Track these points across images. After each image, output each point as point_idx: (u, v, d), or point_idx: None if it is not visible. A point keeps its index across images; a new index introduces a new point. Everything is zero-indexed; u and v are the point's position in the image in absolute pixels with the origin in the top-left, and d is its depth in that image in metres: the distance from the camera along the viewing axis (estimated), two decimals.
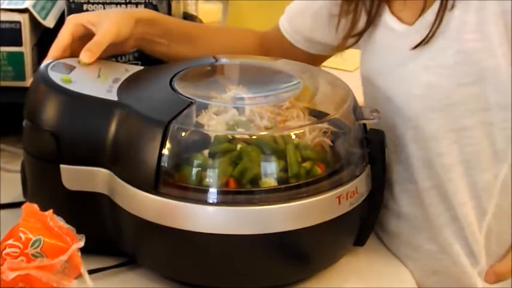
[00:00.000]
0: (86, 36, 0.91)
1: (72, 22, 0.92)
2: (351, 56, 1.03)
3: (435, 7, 0.85)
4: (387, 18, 0.91)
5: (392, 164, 0.91)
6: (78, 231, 0.79)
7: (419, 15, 0.87)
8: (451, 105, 0.85)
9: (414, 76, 0.87)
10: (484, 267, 0.89)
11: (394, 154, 0.90)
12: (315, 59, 1.03)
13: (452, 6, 0.84)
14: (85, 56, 0.89)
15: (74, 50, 0.92)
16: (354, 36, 0.94)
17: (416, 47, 0.86)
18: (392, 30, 0.90)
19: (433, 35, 0.85)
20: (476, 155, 0.86)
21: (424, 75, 0.86)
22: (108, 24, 0.91)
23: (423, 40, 0.85)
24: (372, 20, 0.91)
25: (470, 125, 0.85)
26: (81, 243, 0.78)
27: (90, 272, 0.80)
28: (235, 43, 1.04)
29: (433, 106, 0.86)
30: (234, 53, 1.01)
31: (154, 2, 1.03)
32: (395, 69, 0.89)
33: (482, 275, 0.89)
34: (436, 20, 0.85)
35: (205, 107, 0.84)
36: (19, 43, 1.07)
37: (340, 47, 0.96)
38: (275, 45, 1.04)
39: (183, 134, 0.82)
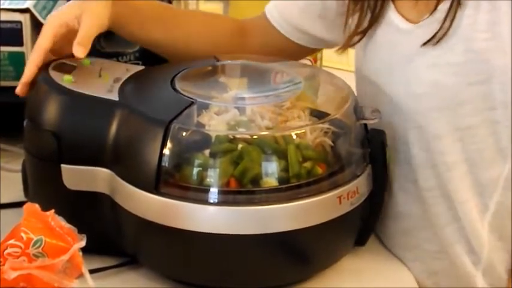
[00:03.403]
0: (67, 36, 0.90)
1: (55, 22, 0.90)
2: (352, 56, 1.02)
3: (445, 6, 0.85)
4: (392, 16, 0.90)
5: (391, 163, 0.91)
6: (80, 231, 0.79)
7: (428, 13, 0.86)
8: (458, 104, 0.85)
9: (419, 74, 0.87)
10: (486, 264, 0.89)
11: (393, 153, 0.90)
12: (301, 51, 1.01)
13: (463, 6, 0.84)
14: (78, 50, 0.87)
15: (55, 52, 0.91)
16: (358, 35, 0.93)
17: (426, 43, 0.85)
18: (397, 28, 0.90)
19: (445, 33, 0.84)
20: (480, 152, 0.86)
21: (430, 74, 0.86)
22: (88, 16, 0.89)
23: (434, 36, 0.84)
24: (376, 18, 0.91)
25: (475, 124, 0.85)
26: (83, 243, 0.78)
27: (92, 271, 0.80)
28: (209, 28, 1.01)
29: (439, 105, 0.86)
30: (208, 43, 0.99)
31: None
32: (399, 67, 0.89)
33: (484, 273, 0.89)
34: (446, 17, 0.84)
35: (206, 106, 0.85)
36: (20, 43, 1.07)
37: (346, 46, 0.95)
38: (257, 32, 1.01)
39: (184, 133, 0.82)
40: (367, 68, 0.95)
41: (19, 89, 0.88)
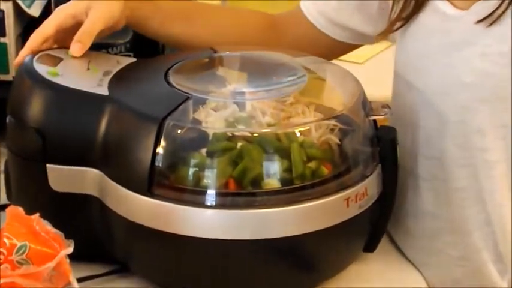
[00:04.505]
0: (74, 27, 0.91)
1: (62, 13, 0.92)
2: (360, 48, 1.04)
3: None
4: (438, 1, 0.90)
5: (420, 159, 0.91)
6: (67, 236, 0.79)
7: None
8: (505, 97, 0.85)
9: (468, 63, 0.87)
10: None
11: (423, 149, 0.90)
12: (336, 47, 1.02)
13: None
14: (75, 48, 0.89)
15: (58, 41, 0.92)
16: (400, 20, 0.93)
17: (483, 20, 0.85)
18: (444, 14, 0.90)
19: (504, 11, 0.84)
20: None
21: (479, 63, 0.86)
22: (97, 10, 0.90)
23: (492, 14, 0.84)
24: (422, 3, 0.91)
25: None
26: (70, 249, 0.78)
27: (79, 280, 0.80)
28: (239, 24, 1.03)
29: (484, 97, 0.86)
30: (237, 36, 1.01)
31: None
32: (444, 55, 0.89)
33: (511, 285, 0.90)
34: (501, 3, 0.84)
35: (203, 102, 0.84)
36: (2, 33, 1.07)
37: (387, 32, 0.95)
38: (290, 28, 1.03)
39: (179, 131, 0.82)
40: (402, 57, 0.95)
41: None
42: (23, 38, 1.10)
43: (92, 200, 0.85)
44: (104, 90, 0.86)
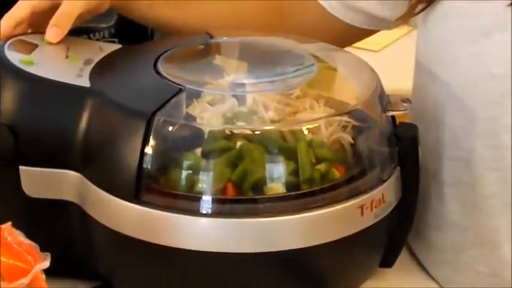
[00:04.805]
0: (51, 9, 0.91)
1: None
2: (377, 33, 1.03)
3: None
4: None
5: (444, 161, 0.91)
6: (42, 249, 0.78)
7: None
8: None
9: (498, 51, 0.86)
10: None
11: (448, 149, 0.90)
12: (353, 33, 1.02)
13: None
14: (52, 33, 0.89)
15: (32, 25, 0.92)
16: (422, 2, 0.93)
17: None
18: None
19: None
20: None
21: (511, 51, 0.85)
22: None
23: None
24: None
25: None
26: (46, 264, 0.77)
27: None
28: (238, 5, 1.04)
29: None
30: (235, 19, 1.01)
31: None
32: (472, 41, 0.88)
33: None
34: None
35: (197, 95, 0.84)
36: None
37: (407, 16, 0.95)
38: (298, 12, 1.03)
39: (170, 128, 0.82)
40: (425, 44, 0.94)
41: None
42: None
43: (71, 207, 0.85)
44: (84, 82, 0.86)
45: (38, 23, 0.92)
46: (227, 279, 0.81)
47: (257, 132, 0.82)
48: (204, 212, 0.80)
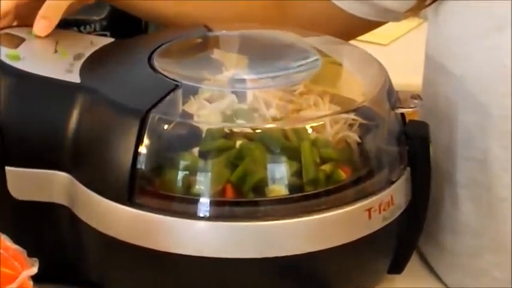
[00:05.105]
0: (39, 1, 0.91)
1: None
2: (385, 26, 1.04)
3: None
4: None
5: (458, 161, 0.91)
6: (30, 254, 0.79)
7: None
8: None
9: None
10: None
11: (462, 149, 0.91)
12: (359, 25, 1.03)
13: None
14: (40, 26, 0.90)
15: (19, 18, 0.92)
16: None
17: None
18: None
19: None
20: None
21: None
22: None
23: None
24: None
25: None
26: (34, 270, 0.77)
27: None
28: (241, 4, 1.03)
29: None
30: (234, 13, 1.01)
31: None
32: (485, 35, 0.89)
33: None
34: None
35: (194, 91, 0.84)
36: None
37: (417, 8, 0.95)
38: (301, 5, 1.03)
39: (166, 126, 0.82)
40: (436, 37, 0.95)
41: None
42: None
43: (60, 209, 0.85)
44: (75, 77, 0.86)
45: (24, 15, 0.92)
46: (226, 286, 0.81)
47: (258, 131, 0.82)
48: (201, 215, 0.80)
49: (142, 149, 0.81)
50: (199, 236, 0.80)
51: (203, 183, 0.80)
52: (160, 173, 0.81)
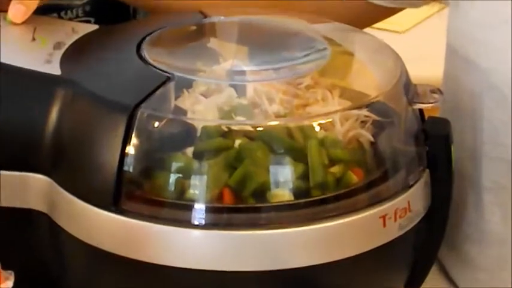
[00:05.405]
0: None
1: None
2: (402, 12, 1.04)
3: None
4: None
5: (483, 162, 0.91)
6: (5, 266, 0.80)
7: None
8: None
9: None
10: None
11: (487, 149, 0.91)
12: (373, 12, 1.04)
13: None
14: (16, 11, 0.90)
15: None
16: None
17: None
18: None
19: None
20: None
21: None
22: None
23: None
24: None
25: None
26: (10, 284, 0.79)
27: None
28: None
29: None
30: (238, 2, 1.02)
31: None
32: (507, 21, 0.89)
33: None
34: None
35: (188, 84, 0.85)
36: None
37: None
38: None
39: (157, 124, 0.82)
40: (458, 25, 0.95)
41: None
42: None
43: (39, 217, 0.85)
44: (54, 69, 0.86)
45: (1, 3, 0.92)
46: None
47: (259, 129, 0.82)
48: (196, 223, 0.80)
49: (130, 149, 0.81)
50: (194, 246, 0.80)
51: (198, 188, 0.80)
52: (150, 176, 0.81)
